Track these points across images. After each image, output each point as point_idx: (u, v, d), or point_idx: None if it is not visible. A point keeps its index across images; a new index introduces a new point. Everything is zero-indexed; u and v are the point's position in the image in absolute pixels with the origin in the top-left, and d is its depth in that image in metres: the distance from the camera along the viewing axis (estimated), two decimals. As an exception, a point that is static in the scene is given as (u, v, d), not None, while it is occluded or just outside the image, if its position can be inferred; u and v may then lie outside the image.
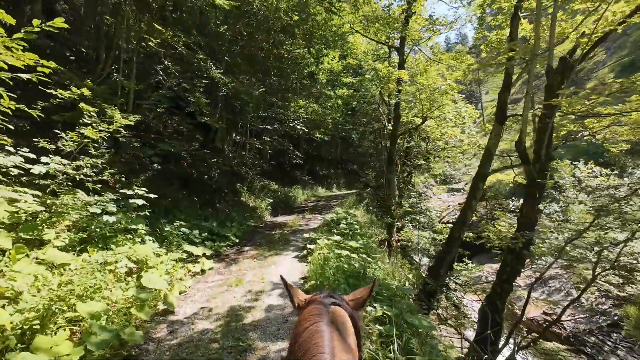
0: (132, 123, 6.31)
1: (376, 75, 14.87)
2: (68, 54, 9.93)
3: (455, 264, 10.62)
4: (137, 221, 5.70)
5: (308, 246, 7.46)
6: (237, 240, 8.49)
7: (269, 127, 15.45)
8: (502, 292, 6.63)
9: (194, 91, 8.85)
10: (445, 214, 19.52)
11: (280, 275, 1.48)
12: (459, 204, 21.97)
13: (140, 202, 5.94)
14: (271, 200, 13.53)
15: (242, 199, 12.71)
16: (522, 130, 6.52)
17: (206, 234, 7.94)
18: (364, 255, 6.06)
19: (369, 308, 3.92)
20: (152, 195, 6.27)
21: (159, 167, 9.02)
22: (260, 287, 5.63)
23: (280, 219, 12.77)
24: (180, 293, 5.15)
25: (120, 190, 6.00)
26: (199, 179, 11.37)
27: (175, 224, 7.01)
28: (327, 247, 6.64)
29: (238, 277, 6.01)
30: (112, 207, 5.39)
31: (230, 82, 9.10)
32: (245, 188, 13.47)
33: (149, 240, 5.76)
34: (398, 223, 12.32)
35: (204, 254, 6.57)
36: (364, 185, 21.80)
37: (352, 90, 16.05)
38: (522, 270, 7.37)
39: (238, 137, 16.23)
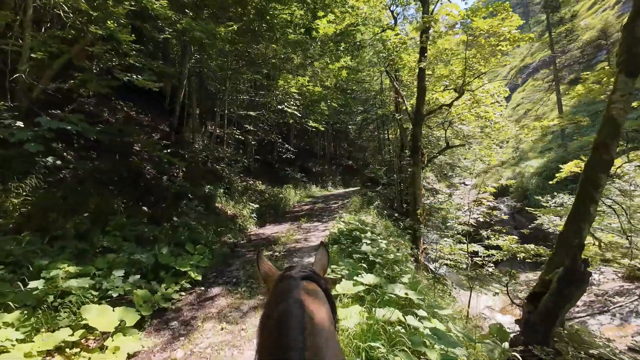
0: None
1: (383, 47, 11.92)
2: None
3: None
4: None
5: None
6: (201, 277, 5.35)
7: (251, 113, 12.29)
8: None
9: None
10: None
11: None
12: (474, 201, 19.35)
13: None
14: (256, 206, 10.40)
15: (217, 205, 9.53)
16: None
17: (146, 270, 4.80)
18: (436, 325, 3.06)
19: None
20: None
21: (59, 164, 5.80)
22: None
23: (269, 230, 9.66)
24: None
25: None
26: (154, 180, 8.18)
27: (65, 268, 3.84)
28: (356, 301, 3.63)
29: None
30: None
31: (181, 19, 5.86)
32: (222, 190, 10.29)
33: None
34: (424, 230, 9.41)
35: (121, 324, 3.42)
36: (364, 181, 18.84)
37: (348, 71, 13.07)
38: None
39: (213, 128, 13.03)
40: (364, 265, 4.71)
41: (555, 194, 12.54)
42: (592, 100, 23.07)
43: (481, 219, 11.90)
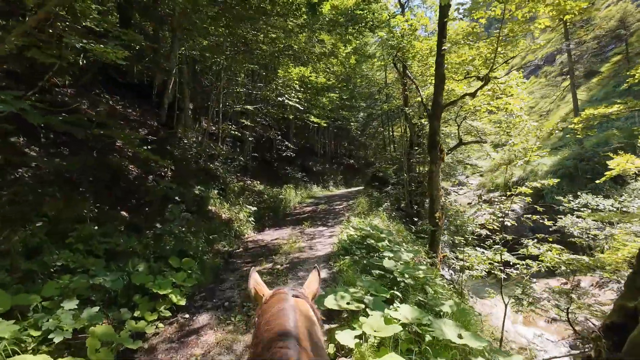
0: None
1: (392, 35, 10.93)
2: None
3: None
4: None
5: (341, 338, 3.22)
6: (185, 301, 4.34)
7: (249, 107, 11.27)
8: None
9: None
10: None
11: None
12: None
13: None
14: (254, 209, 9.38)
15: (210, 208, 8.52)
16: None
17: (115, 294, 3.79)
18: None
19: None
20: None
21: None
22: None
23: (268, 236, 8.66)
24: None
25: None
26: (137, 181, 7.17)
27: None
28: (389, 347, 2.64)
29: None
30: None
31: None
32: (216, 192, 9.28)
33: None
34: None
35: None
36: (369, 181, 17.85)
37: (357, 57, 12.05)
38: None
39: (207, 123, 12.02)
40: (392, 289, 3.70)
41: (579, 194, 11.59)
42: (606, 95, 22.19)
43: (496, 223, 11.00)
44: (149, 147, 7.06)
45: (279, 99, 9.71)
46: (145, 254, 4.93)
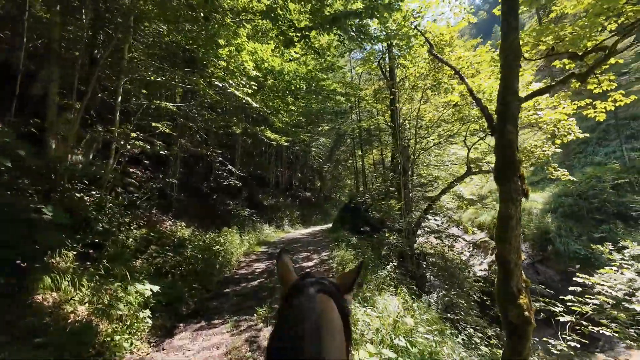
0: None
1: (383, 26, 7.72)
2: None
3: None
4: None
5: None
6: None
7: (170, 104, 6.85)
8: None
9: None
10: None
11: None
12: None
13: None
14: (156, 288, 4.62)
15: (38, 298, 3.69)
16: None
17: None
18: None
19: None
20: None
21: None
22: None
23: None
24: None
25: None
26: None
27: None
28: None
29: None
30: None
31: None
32: (72, 254, 4.47)
33: None
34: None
35: None
36: (340, 218, 13.89)
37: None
38: None
39: (97, 132, 7.19)
40: None
41: (622, 242, 8.90)
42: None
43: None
44: None
45: (218, 84, 5.50)
46: None
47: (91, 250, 4.96)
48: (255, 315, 4.94)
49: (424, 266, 8.07)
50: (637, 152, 14.21)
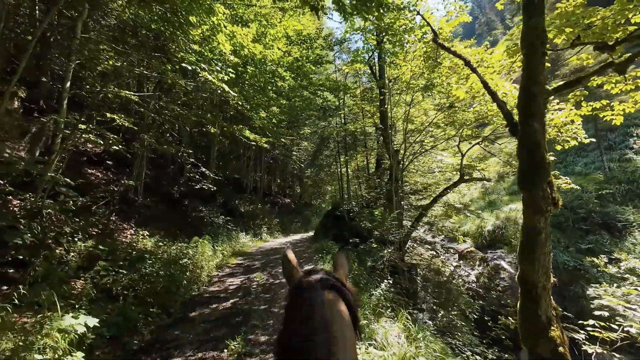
0: None
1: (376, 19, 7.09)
2: None
3: None
4: None
5: None
6: None
7: (131, 95, 5.80)
8: None
9: None
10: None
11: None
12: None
13: None
14: (94, 322, 3.58)
15: None
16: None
17: None
18: None
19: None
20: None
21: None
22: None
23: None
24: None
25: None
26: None
27: None
28: None
29: None
30: None
31: None
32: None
33: None
34: None
35: None
36: (323, 225, 13.05)
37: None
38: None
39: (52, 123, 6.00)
40: None
41: (615, 255, 8.61)
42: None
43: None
44: None
45: (187, 67, 4.56)
46: None
47: (11, 270, 3.83)
48: (226, 351, 3.97)
49: (418, 281, 7.37)
50: (616, 163, 14.41)
